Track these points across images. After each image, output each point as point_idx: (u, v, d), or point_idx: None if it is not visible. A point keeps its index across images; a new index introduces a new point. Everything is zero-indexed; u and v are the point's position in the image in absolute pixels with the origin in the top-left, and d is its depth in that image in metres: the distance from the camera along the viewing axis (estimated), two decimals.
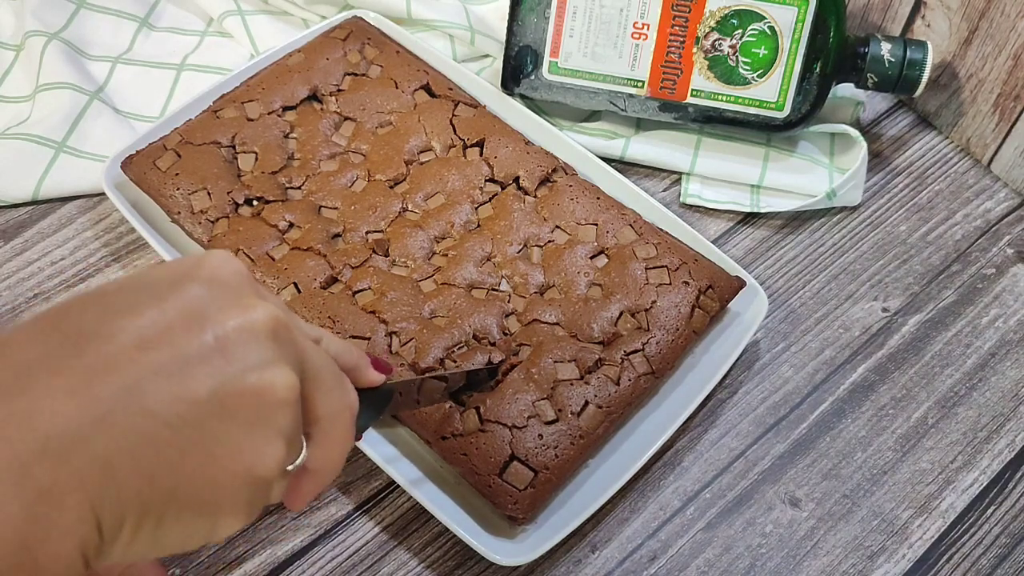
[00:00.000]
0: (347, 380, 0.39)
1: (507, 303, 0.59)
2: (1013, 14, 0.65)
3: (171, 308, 0.32)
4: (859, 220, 0.71)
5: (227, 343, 0.32)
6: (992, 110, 0.71)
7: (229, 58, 0.77)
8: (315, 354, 0.36)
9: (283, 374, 0.33)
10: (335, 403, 0.37)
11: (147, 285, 0.34)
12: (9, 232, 0.67)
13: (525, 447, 0.53)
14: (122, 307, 0.32)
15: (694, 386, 0.59)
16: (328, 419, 0.37)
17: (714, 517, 0.57)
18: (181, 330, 0.32)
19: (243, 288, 0.35)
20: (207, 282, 0.34)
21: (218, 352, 0.32)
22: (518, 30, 0.69)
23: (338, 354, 0.40)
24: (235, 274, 0.35)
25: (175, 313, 0.32)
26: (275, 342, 0.34)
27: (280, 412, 0.33)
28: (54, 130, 0.70)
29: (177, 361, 0.31)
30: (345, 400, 0.38)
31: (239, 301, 0.34)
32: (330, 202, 0.63)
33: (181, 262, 0.35)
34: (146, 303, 0.32)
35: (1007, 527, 0.57)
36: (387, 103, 0.68)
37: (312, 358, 0.36)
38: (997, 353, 0.64)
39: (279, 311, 0.34)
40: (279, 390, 0.33)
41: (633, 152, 0.71)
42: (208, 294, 0.33)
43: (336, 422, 0.37)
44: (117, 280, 0.35)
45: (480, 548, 0.51)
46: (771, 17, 0.65)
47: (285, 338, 0.34)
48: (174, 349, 0.31)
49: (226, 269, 0.35)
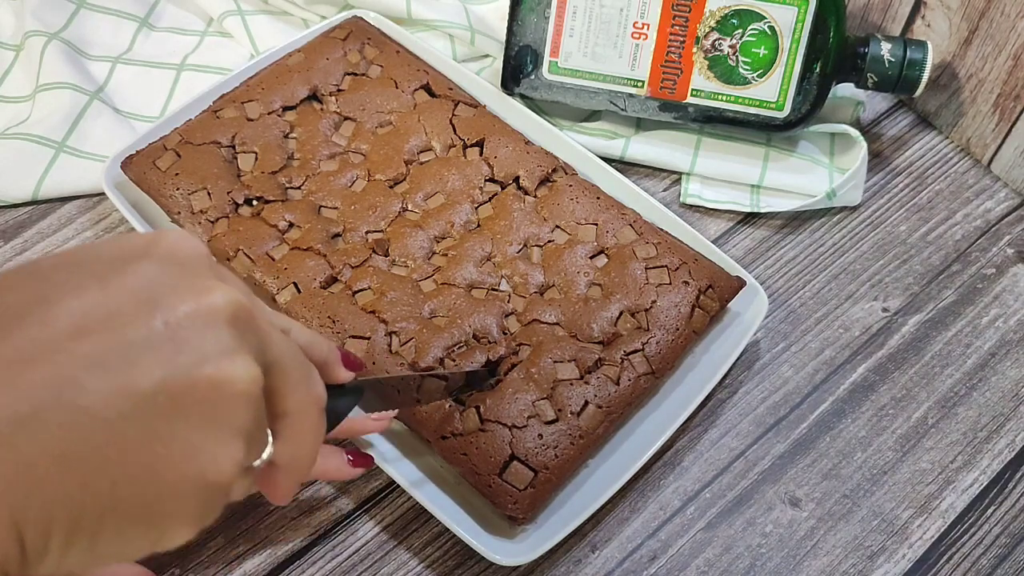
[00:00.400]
0: (315, 372, 0.36)
1: (507, 303, 0.59)
2: (1013, 14, 0.65)
3: (117, 289, 0.29)
4: (859, 220, 0.71)
5: (179, 330, 0.29)
6: (992, 110, 0.71)
7: (229, 58, 0.77)
8: (281, 342, 0.33)
9: (243, 365, 0.30)
10: (303, 396, 0.34)
11: (92, 261, 0.30)
12: (9, 232, 0.67)
13: (525, 447, 0.53)
14: (59, 286, 0.28)
15: (694, 386, 0.59)
16: (296, 413, 0.34)
17: (714, 517, 0.57)
18: (126, 315, 0.28)
19: (201, 268, 0.31)
20: (161, 261, 0.30)
21: (168, 340, 0.28)
22: (518, 30, 0.69)
23: (307, 346, 0.38)
24: (193, 253, 0.31)
25: (121, 295, 0.28)
26: (235, 329, 0.30)
27: (239, 407, 0.29)
28: (54, 130, 0.70)
29: (120, 350, 0.27)
30: (313, 393, 0.35)
31: (196, 283, 0.30)
32: (330, 202, 0.63)
33: (134, 237, 0.31)
34: (88, 283, 0.29)
35: (1007, 527, 0.57)
36: (387, 103, 0.68)
37: (277, 347, 0.32)
38: (997, 353, 0.64)
39: (240, 295, 0.31)
40: (238, 382, 0.29)
41: (633, 152, 0.71)
42: (161, 274, 0.30)
43: (304, 416, 0.34)
44: (58, 253, 0.31)
45: (480, 548, 0.51)
46: (771, 17, 0.65)
47: (247, 325, 0.31)
48: (117, 336, 0.28)
49: (184, 247, 0.31)
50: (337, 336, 0.56)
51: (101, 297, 0.28)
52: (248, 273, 0.59)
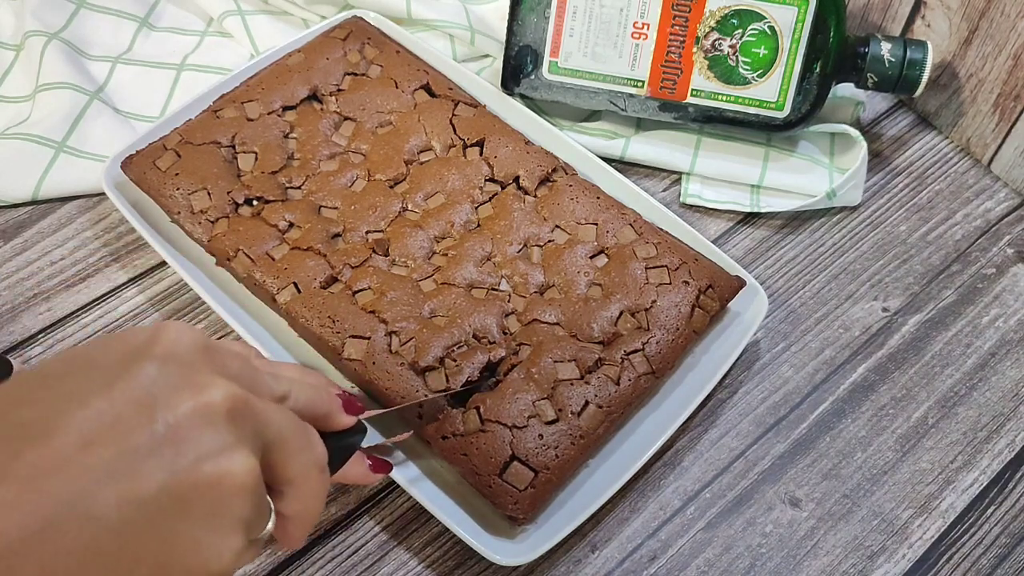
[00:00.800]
0: (314, 435, 0.38)
1: (507, 303, 0.59)
2: (1013, 14, 0.65)
3: (120, 395, 0.31)
4: (859, 220, 0.71)
5: (179, 431, 0.31)
6: (992, 110, 0.71)
7: (229, 58, 0.77)
8: (278, 419, 0.35)
9: (241, 459, 0.32)
10: (302, 464, 0.36)
11: (95, 367, 0.32)
12: (9, 232, 0.67)
13: (525, 447, 0.53)
14: (66, 396, 0.31)
15: (694, 386, 0.59)
16: (299, 477, 0.36)
17: (714, 517, 0.57)
18: (130, 421, 0.30)
19: (198, 364, 0.33)
20: (160, 360, 0.32)
21: (169, 442, 0.30)
22: (518, 30, 0.69)
23: (308, 405, 0.40)
24: (191, 348, 0.33)
25: (124, 401, 0.31)
26: (232, 424, 0.32)
27: (238, 500, 0.32)
28: (54, 130, 0.70)
29: (124, 458, 0.30)
30: (312, 458, 0.37)
31: (193, 380, 0.32)
32: (330, 202, 0.63)
33: (133, 335, 0.34)
34: (93, 390, 0.31)
35: (1007, 527, 0.57)
36: (387, 103, 0.68)
37: (275, 425, 0.35)
38: (997, 353, 0.64)
39: (236, 388, 0.33)
40: (237, 476, 0.32)
41: (633, 152, 0.71)
42: (160, 374, 0.32)
43: (307, 480, 0.37)
44: (64, 357, 0.33)
45: (480, 548, 0.51)
46: (771, 17, 0.65)
47: (244, 416, 0.33)
48: (122, 444, 0.30)
49: (182, 343, 0.33)
50: (337, 336, 0.56)
51: (106, 405, 0.30)
52: (248, 273, 0.59)
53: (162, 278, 0.65)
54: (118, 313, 0.63)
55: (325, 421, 0.42)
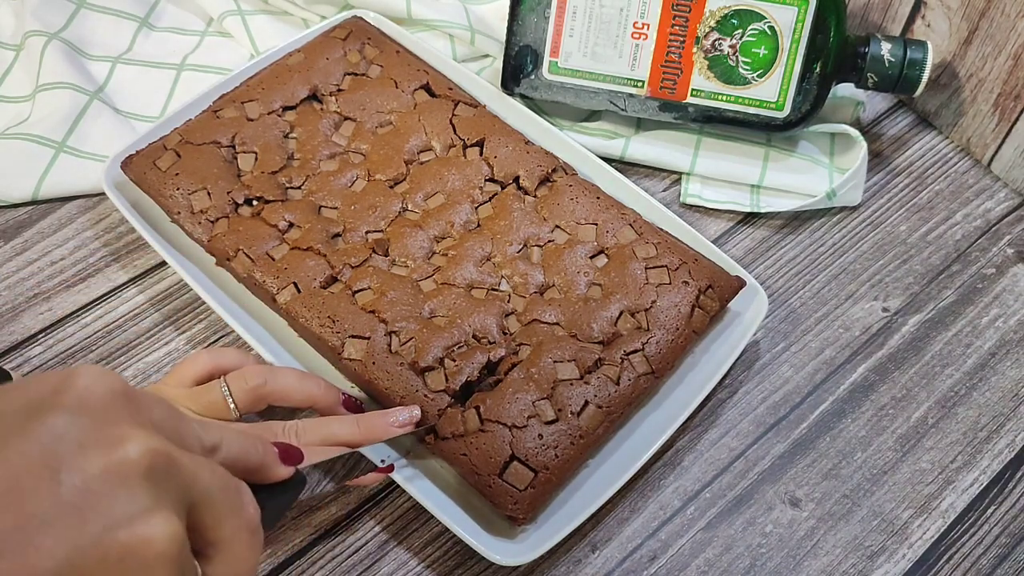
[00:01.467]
0: (246, 492, 0.34)
1: (507, 303, 0.59)
2: (1013, 14, 0.65)
3: (19, 454, 0.26)
4: (859, 220, 0.71)
5: (87, 494, 0.26)
6: (992, 110, 0.71)
7: (229, 58, 0.77)
8: (204, 476, 0.31)
9: (162, 523, 0.28)
10: (232, 527, 0.32)
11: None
12: (9, 232, 0.67)
13: (525, 447, 0.53)
14: None
15: (694, 386, 0.59)
16: (228, 540, 0.32)
17: (714, 517, 0.57)
18: (27, 485, 0.26)
19: (112, 414, 0.29)
20: (71, 410, 0.28)
21: (74, 508, 0.26)
22: (518, 30, 0.69)
23: (240, 456, 0.36)
24: (105, 395, 0.29)
25: (23, 461, 0.26)
26: (150, 482, 0.28)
27: (159, 570, 0.27)
28: (54, 130, 0.70)
29: (17, 529, 0.25)
30: (242, 520, 0.33)
31: (107, 434, 0.28)
32: (330, 202, 0.63)
33: (39, 382, 0.29)
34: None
35: (1007, 527, 0.57)
36: (387, 103, 0.68)
37: (200, 482, 0.30)
38: (997, 353, 0.64)
39: (157, 439, 0.29)
40: (156, 544, 0.27)
41: (633, 152, 0.71)
42: (69, 427, 0.27)
43: (237, 543, 0.32)
44: None
45: (480, 548, 0.51)
46: (771, 17, 0.65)
47: (164, 474, 0.29)
48: (15, 513, 0.25)
49: (95, 391, 0.29)
50: (337, 336, 0.56)
51: (1, 466, 0.26)
52: (248, 273, 0.59)
53: (162, 278, 0.65)
54: (118, 313, 0.63)
55: (260, 473, 0.38)
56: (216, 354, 0.53)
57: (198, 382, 0.52)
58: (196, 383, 0.52)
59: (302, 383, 0.52)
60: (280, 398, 0.52)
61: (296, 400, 0.52)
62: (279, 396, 0.52)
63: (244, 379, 0.51)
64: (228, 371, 0.52)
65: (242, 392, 0.50)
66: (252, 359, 0.53)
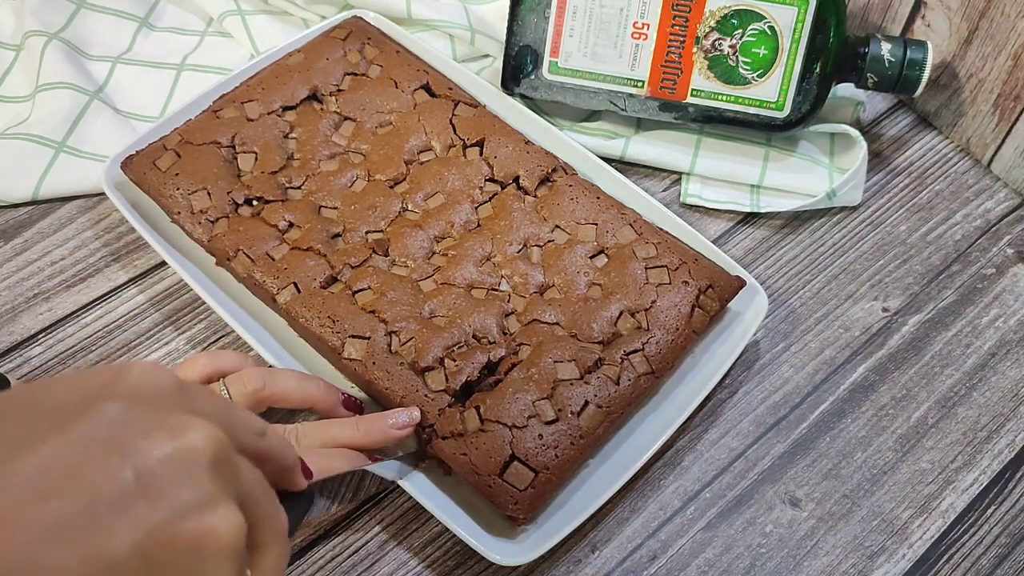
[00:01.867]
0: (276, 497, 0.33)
1: (507, 303, 0.59)
2: (1013, 14, 0.65)
3: (82, 439, 0.26)
4: (859, 220, 0.71)
5: (153, 479, 0.26)
6: (992, 110, 0.71)
7: (229, 58, 0.77)
8: (252, 473, 0.30)
9: (228, 515, 0.27)
10: (270, 530, 0.31)
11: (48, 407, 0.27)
12: (9, 232, 0.67)
13: (525, 447, 0.53)
14: (14, 441, 0.25)
15: (694, 386, 0.59)
16: (267, 546, 0.31)
17: (714, 517, 0.57)
18: (91, 468, 0.25)
19: (173, 402, 0.28)
20: (126, 399, 0.27)
21: (141, 494, 0.26)
22: (518, 30, 0.69)
23: (277, 454, 0.35)
24: (163, 387, 0.29)
25: (86, 446, 0.26)
26: (214, 472, 0.27)
27: (223, 563, 0.27)
28: (54, 130, 0.70)
29: (87, 511, 0.25)
30: (279, 525, 0.32)
31: (169, 420, 0.27)
32: (330, 202, 0.63)
33: (94, 374, 0.29)
34: (45, 433, 0.26)
35: (1007, 527, 0.57)
36: (387, 103, 0.68)
37: (249, 479, 0.30)
38: (997, 353, 0.64)
39: (218, 431, 0.28)
40: (223, 535, 0.27)
41: (633, 152, 0.71)
42: (127, 414, 0.27)
43: (271, 547, 0.32)
44: (11, 395, 0.28)
45: (480, 548, 0.51)
46: (771, 17, 0.65)
47: (226, 464, 0.28)
48: (83, 495, 0.25)
49: (151, 380, 0.28)
50: (337, 336, 0.56)
51: (61, 449, 0.25)
52: (248, 273, 0.59)
53: (162, 278, 0.65)
54: (118, 313, 0.63)
55: (285, 476, 0.37)
56: (214, 357, 0.52)
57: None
58: None
59: (301, 385, 0.52)
60: (279, 400, 0.52)
61: (295, 402, 0.52)
62: (278, 399, 0.52)
63: (243, 382, 0.50)
64: (227, 374, 0.51)
65: (241, 396, 0.50)
66: (251, 361, 0.53)
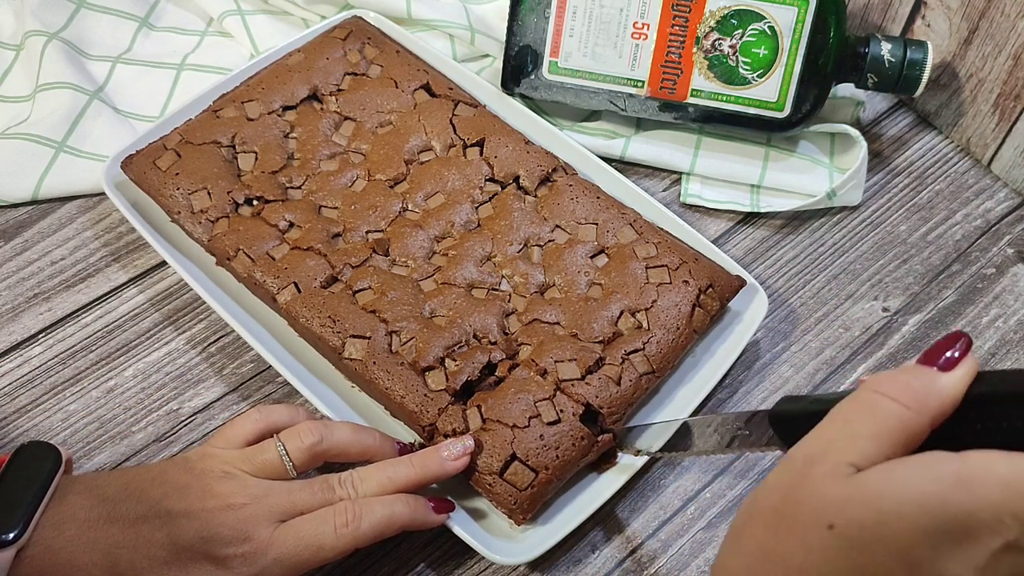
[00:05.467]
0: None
1: (507, 303, 0.59)
2: (1013, 14, 0.65)
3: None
4: (859, 220, 0.71)
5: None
6: (992, 110, 0.71)
7: (229, 58, 0.77)
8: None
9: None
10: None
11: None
12: (9, 232, 0.67)
13: (526, 447, 0.53)
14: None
15: (694, 386, 0.59)
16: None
17: (714, 517, 0.57)
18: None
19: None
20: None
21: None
22: (518, 30, 0.69)
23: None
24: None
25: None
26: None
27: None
28: (54, 130, 0.70)
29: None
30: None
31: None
32: (330, 202, 0.63)
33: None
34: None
35: None
36: (387, 103, 0.68)
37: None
38: (997, 353, 0.64)
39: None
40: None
41: (633, 152, 0.71)
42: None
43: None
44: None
45: (480, 548, 0.51)
46: (771, 17, 0.65)
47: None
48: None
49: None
50: (337, 336, 0.56)
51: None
52: (248, 273, 0.59)
53: (162, 278, 0.65)
54: (118, 313, 0.63)
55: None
56: (267, 412, 0.52)
57: (249, 442, 0.51)
58: (247, 443, 0.51)
59: (358, 437, 0.52)
60: (337, 454, 0.52)
61: (353, 455, 0.52)
62: (336, 452, 0.52)
63: (300, 437, 0.50)
64: (280, 429, 0.51)
65: (298, 451, 0.50)
66: (303, 413, 0.53)
